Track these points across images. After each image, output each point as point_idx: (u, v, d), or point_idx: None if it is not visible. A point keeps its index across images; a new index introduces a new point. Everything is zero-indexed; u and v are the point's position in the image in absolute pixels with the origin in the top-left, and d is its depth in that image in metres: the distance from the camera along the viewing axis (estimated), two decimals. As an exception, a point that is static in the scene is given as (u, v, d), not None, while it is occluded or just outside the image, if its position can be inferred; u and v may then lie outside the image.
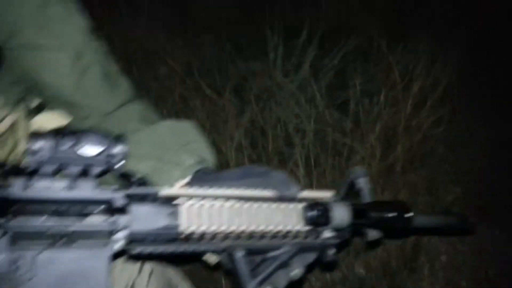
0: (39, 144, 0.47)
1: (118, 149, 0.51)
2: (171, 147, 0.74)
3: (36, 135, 0.47)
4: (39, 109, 0.77)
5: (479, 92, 2.37)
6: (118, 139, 0.52)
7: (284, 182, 0.68)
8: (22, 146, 0.72)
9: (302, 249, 0.68)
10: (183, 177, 0.73)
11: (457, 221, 0.90)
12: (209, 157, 0.77)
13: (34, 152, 0.47)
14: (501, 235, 1.88)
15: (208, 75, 2.21)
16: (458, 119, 2.23)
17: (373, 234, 0.75)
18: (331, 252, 0.71)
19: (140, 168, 0.62)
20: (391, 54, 2.19)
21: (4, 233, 0.45)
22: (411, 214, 0.76)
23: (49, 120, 0.76)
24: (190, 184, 0.72)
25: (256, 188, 0.65)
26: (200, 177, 0.72)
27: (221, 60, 2.34)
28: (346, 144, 1.90)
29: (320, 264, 0.72)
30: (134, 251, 0.52)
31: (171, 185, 0.70)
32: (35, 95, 0.78)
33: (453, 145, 2.17)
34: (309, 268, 0.72)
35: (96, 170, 0.51)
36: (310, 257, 0.71)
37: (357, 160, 1.87)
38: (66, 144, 0.48)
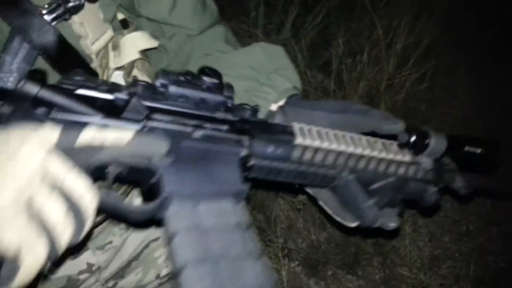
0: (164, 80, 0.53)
1: (228, 92, 0.58)
2: (267, 70, 0.74)
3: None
4: (123, 26, 0.77)
5: (462, 48, 2.35)
6: (229, 86, 0.59)
7: (387, 118, 0.68)
8: (112, 63, 0.73)
9: (405, 182, 0.69)
10: (278, 100, 0.73)
11: None
12: (299, 85, 0.77)
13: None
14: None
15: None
16: (441, 76, 2.22)
17: (463, 188, 0.75)
18: (433, 190, 0.71)
19: (234, 88, 0.61)
20: (374, 10, 2.14)
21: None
22: (498, 154, 0.77)
23: (139, 39, 0.76)
24: (285, 107, 0.72)
25: (355, 129, 0.67)
26: (295, 103, 0.72)
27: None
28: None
29: (423, 207, 0.73)
30: (253, 162, 0.57)
31: (267, 106, 0.72)
32: (126, 12, 0.78)
33: (435, 103, 2.17)
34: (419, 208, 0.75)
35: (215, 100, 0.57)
36: (413, 193, 0.71)
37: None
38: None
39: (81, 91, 0.48)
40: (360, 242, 1.69)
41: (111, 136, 0.45)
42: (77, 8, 0.64)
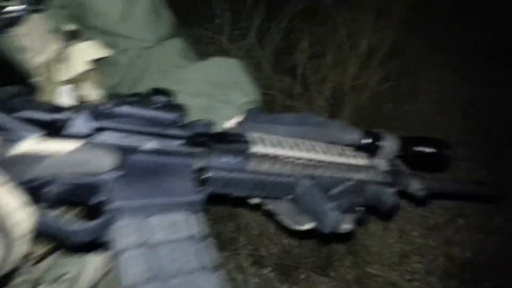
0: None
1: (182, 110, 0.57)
2: (222, 85, 0.73)
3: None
4: (74, 36, 0.73)
5: (425, 46, 2.41)
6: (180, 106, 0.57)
7: (345, 128, 0.69)
8: (59, 76, 0.69)
9: (363, 186, 0.70)
10: (235, 115, 0.71)
11: (488, 190, 0.93)
12: (257, 98, 0.75)
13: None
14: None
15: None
16: (405, 75, 2.26)
17: (420, 190, 0.77)
18: (390, 192, 0.72)
19: (189, 105, 0.59)
20: (337, 12, 2.17)
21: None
22: (450, 151, 0.79)
23: (89, 49, 0.73)
24: (243, 122, 0.72)
25: (314, 138, 0.68)
26: (253, 118, 0.71)
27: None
28: (294, 107, 1.90)
29: (382, 211, 0.74)
30: (210, 173, 0.56)
31: (223, 123, 0.71)
32: (77, 23, 0.75)
33: (400, 102, 2.21)
34: (375, 212, 0.75)
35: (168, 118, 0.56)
36: (371, 197, 0.72)
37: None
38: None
39: (20, 113, 0.44)
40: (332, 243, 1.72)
41: (52, 147, 0.41)
42: (21, 19, 0.61)
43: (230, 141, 0.60)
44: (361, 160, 0.71)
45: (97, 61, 0.75)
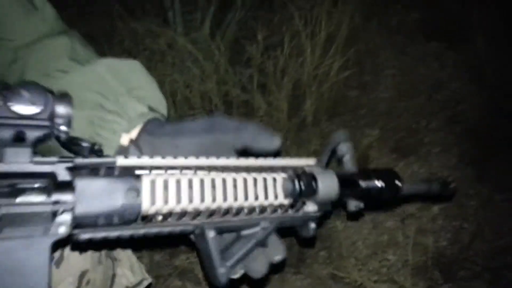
0: None
1: (61, 109, 0.41)
2: (114, 92, 0.60)
3: None
4: None
5: (381, 31, 2.36)
6: (62, 96, 0.42)
7: (261, 134, 0.57)
8: None
9: (281, 225, 0.59)
10: (130, 129, 0.59)
11: (440, 187, 0.82)
12: (160, 106, 0.63)
13: None
14: (419, 171, 1.91)
15: (96, 41, 1.98)
16: (365, 61, 2.21)
17: (354, 204, 0.66)
18: (312, 226, 0.62)
19: (75, 119, 0.46)
20: (292, 2, 2.09)
21: None
22: (400, 183, 0.69)
23: None
24: (139, 138, 0.58)
25: (227, 148, 0.56)
26: (153, 131, 0.59)
27: (111, 23, 2.12)
28: (252, 101, 1.80)
29: (299, 239, 0.62)
30: (82, 237, 0.41)
31: (116, 139, 0.58)
32: None
33: (365, 89, 2.15)
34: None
35: (33, 134, 0.40)
36: (291, 225, 0.62)
37: (266, 116, 1.78)
38: None
39: None
40: (288, 239, 1.61)
41: None
42: None
43: (117, 189, 0.44)
44: (284, 199, 0.58)
45: None
